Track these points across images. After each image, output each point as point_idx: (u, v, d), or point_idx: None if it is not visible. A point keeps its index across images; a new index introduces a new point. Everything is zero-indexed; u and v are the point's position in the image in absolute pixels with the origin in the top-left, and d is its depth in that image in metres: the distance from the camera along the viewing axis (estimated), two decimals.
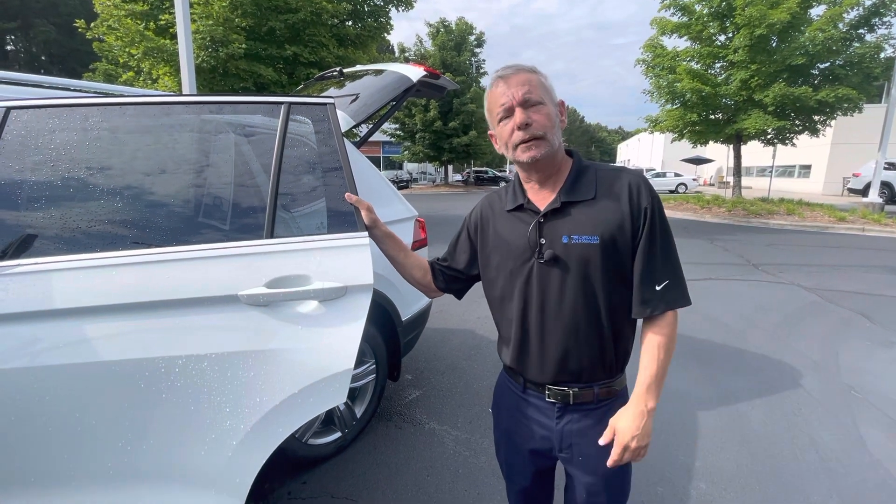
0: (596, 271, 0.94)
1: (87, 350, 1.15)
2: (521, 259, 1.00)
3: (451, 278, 1.21)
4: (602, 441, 0.95)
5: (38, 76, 1.76)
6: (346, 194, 1.31)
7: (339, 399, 1.27)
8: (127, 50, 9.70)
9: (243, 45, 10.00)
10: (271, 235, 1.31)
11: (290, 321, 1.25)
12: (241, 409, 1.21)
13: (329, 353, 1.26)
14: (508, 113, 0.95)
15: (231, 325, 1.23)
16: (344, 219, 1.34)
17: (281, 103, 1.41)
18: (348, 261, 1.31)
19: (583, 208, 0.96)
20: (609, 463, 0.94)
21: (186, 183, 1.40)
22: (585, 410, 1.02)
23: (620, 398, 1.05)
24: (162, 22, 9.77)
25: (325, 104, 1.42)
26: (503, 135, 0.98)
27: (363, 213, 1.27)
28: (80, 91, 1.87)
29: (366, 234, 1.30)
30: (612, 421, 0.96)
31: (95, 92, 1.96)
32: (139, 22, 9.80)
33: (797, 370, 3.34)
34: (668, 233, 0.97)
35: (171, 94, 1.42)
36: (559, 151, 1.00)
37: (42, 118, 1.26)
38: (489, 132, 1.07)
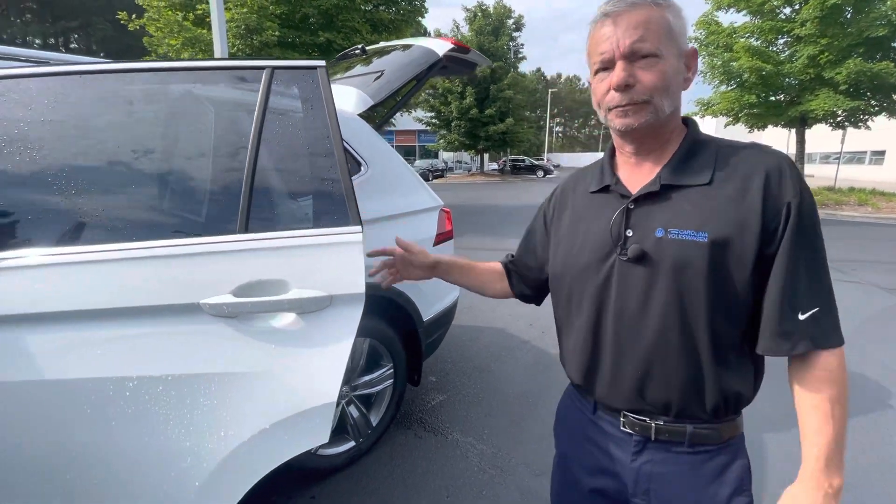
0: (697, 279, 0.69)
1: (19, 367, 0.95)
2: (599, 254, 0.78)
3: (524, 280, 0.99)
4: None
5: None
6: (396, 237, 0.99)
7: (320, 439, 1.02)
8: (167, 41, 9.94)
9: (276, 33, 10.04)
10: (245, 230, 1.06)
11: (261, 338, 1.02)
12: (203, 444, 0.99)
13: (308, 380, 1.02)
14: (607, 65, 0.72)
15: (191, 341, 1.00)
16: (333, 210, 1.07)
17: (262, 68, 1.16)
18: (336, 263, 1.05)
19: (690, 195, 0.72)
20: None
21: (142, 167, 1.18)
22: (674, 452, 0.76)
23: (732, 447, 0.77)
24: (199, 11, 9.94)
25: (314, 67, 1.15)
26: (597, 92, 0.76)
27: (416, 254, 0.98)
28: (26, 60, 1.62)
29: (359, 228, 1.05)
30: None
31: (36, 60, 1.68)
32: (178, 12, 10.01)
33: (882, 386, 2.87)
34: (819, 243, 0.70)
35: (127, 61, 1.15)
36: (671, 120, 0.75)
37: None
38: (588, 80, 0.81)
